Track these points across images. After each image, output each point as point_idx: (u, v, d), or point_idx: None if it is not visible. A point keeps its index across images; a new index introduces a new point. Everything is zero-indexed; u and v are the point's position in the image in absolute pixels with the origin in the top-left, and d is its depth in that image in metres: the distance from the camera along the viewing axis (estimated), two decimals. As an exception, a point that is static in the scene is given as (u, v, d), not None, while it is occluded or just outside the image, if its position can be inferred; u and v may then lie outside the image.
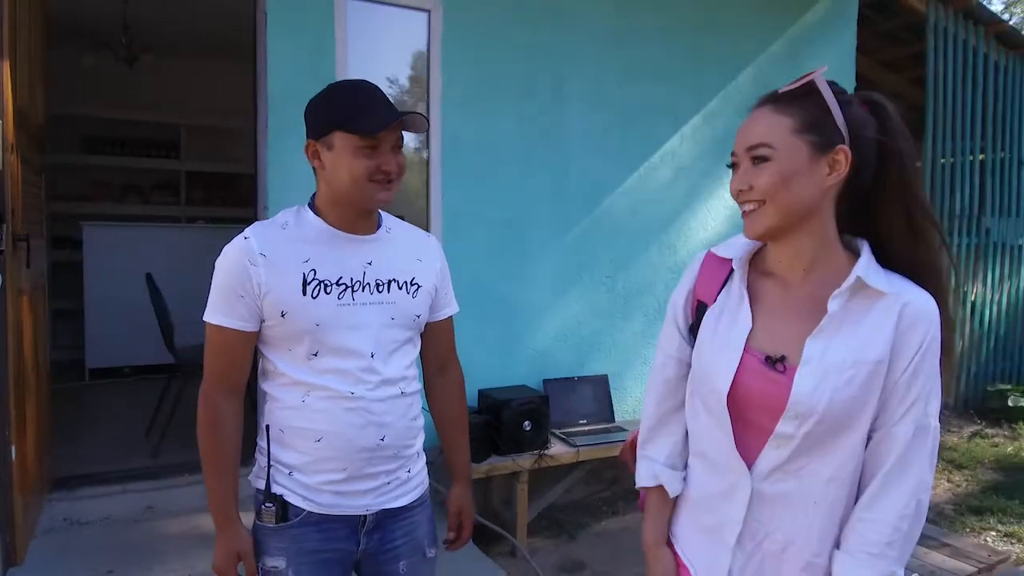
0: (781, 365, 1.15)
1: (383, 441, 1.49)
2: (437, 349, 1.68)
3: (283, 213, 1.50)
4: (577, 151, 3.92)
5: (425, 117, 1.46)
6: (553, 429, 3.61)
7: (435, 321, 1.63)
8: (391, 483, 1.53)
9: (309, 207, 1.50)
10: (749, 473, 1.18)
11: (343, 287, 1.46)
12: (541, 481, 3.56)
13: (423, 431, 1.62)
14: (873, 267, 1.13)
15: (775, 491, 1.17)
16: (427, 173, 3.57)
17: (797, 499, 1.15)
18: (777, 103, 1.15)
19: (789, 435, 1.14)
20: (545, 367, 3.86)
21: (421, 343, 1.63)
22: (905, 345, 1.09)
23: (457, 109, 3.59)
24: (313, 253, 1.45)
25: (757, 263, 1.24)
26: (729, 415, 1.19)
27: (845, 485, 1.14)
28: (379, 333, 1.49)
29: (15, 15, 2.20)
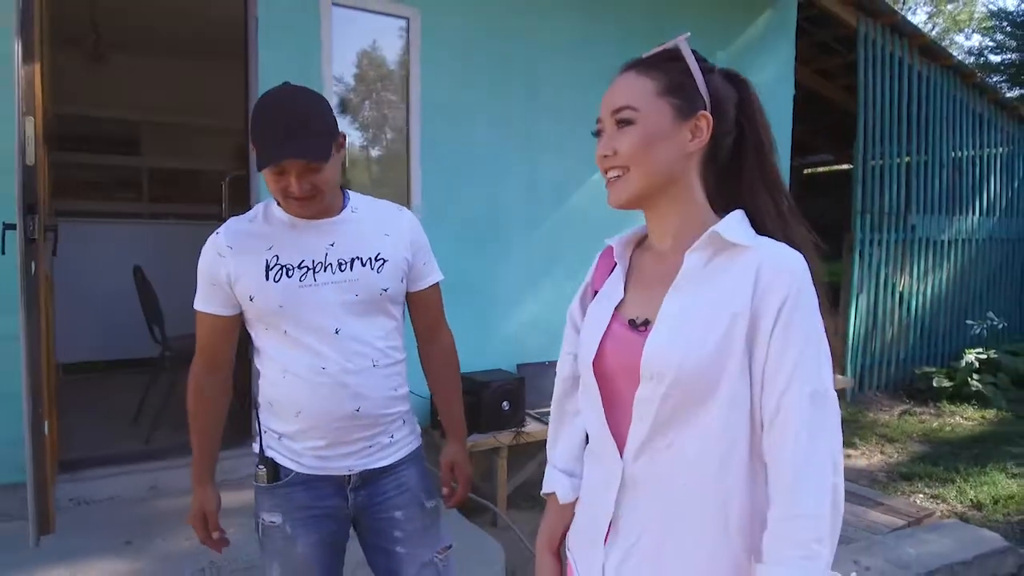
0: (643, 327, 1.09)
1: (359, 411, 1.56)
2: (424, 319, 1.74)
3: (255, 207, 1.62)
4: (547, 151, 4.19)
5: (327, 142, 1.47)
6: (528, 409, 3.87)
7: (417, 291, 1.68)
8: (372, 447, 1.61)
9: (276, 202, 1.58)
10: (620, 456, 1.09)
11: (305, 269, 1.54)
12: (517, 458, 3.82)
13: (407, 399, 1.69)
14: (737, 226, 1.07)
15: (645, 474, 1.07)
16: (407, 171, 3.80)
17: (667, 483, 1.05)
18: (640, 67, 1.12)
19: (647, 400, 1.04)
20: (518, 352, 4.13)
21: (411, 314, 1.72)
22: (768, 298, 0.99)
23: (435, 111, 3.83)
24: (276, 241, 1.55)
25: (643, 241, 1.22)
26: (600, 391, 1.13)
27: (718, 470, 1.01)
28: (343, 310, 1.55)
29: (42, 16, 2.35)
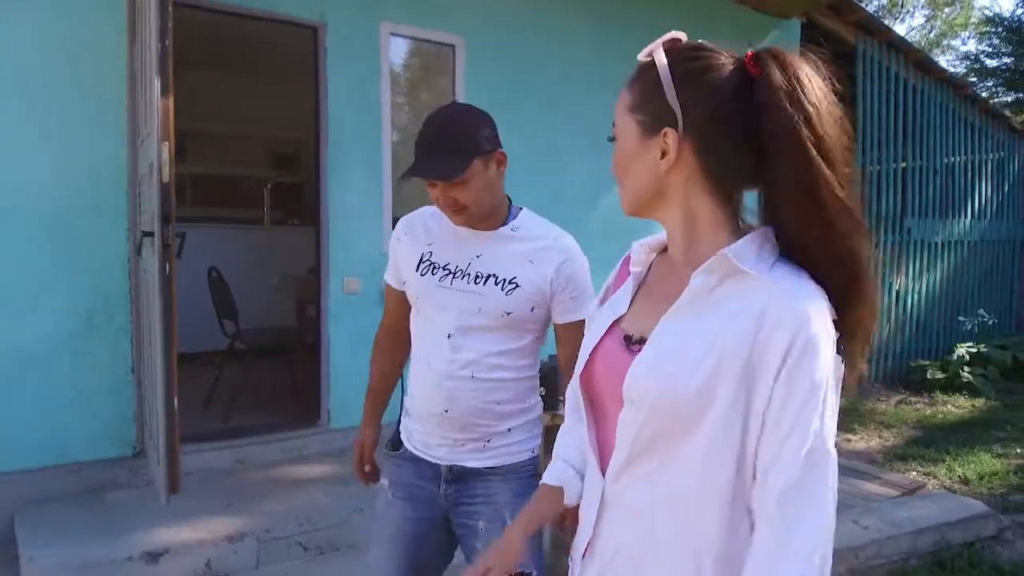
0: (637, 345, 1.01)
1: (447, 412, 1.62)
2: (562, 352, 1.70)
3: None
4: (569, 163, 4.62)
5: (459, 162, 1.53)
6: (560, 397, 4.30)
7: (559, 324, 1.67)
8: (465, 446, 1.66)
9: None
10: (602, 474, 1.05)
11: (447, 272, 1.65)
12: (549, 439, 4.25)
13: (524, 414, 1.69)
14: (756, 250, 0.94)
15: (623, 497, 1.02)
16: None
17: (643, 511, 0.99)
18: (634, 74, 1.02)
19: (628, 423, 0.98)
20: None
21: (556, 343, 1.71)
22: (772, 342, 0.88)
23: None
24: (437, 239, 1.69)
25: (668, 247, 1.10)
26: (592, 405, 1.09)
27: (694, 510, 0.94)
28: (460, 319, 1.61)
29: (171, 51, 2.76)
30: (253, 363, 4.30)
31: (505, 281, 1.61)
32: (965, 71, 15.40)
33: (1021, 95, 14.27)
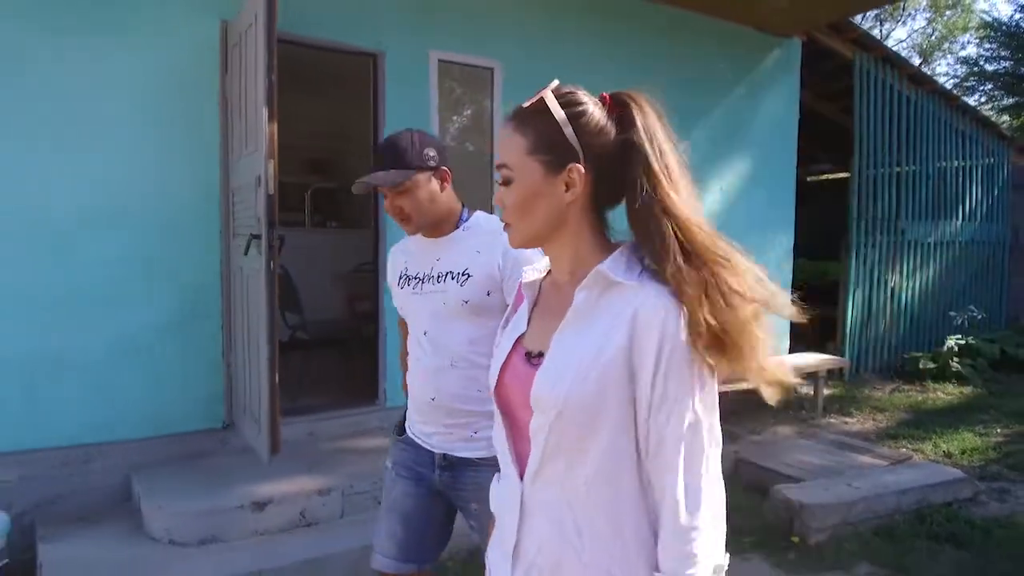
0: (537, 359, 1.12)
1: (434, 400, 1.84)
2: None
3: None
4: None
5: (399, 176, 1.79)
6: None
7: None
8: (453, 434, 1.84)
9: None
10: (520, 479, 1.14)
11: (417, 280, 1.90)
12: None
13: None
14: (625, 262, 1.07)
15: (541, 499, 1.12)
16: (490, 189, 4.76)
17: (562, 505, 1.09)
18: (516, 120, 1.12)
19: (539, 429, 1.09)
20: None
21: None
22: (645, 342, 1.00)
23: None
24: (411, 256, 1.96)
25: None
26: (506, 417, 1.19)
27: (609, 491, 1.06)
28: (432, 316, 1.85)
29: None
30: (313, 352, 4.84)
31: (459, 274, 1.82)
32: (964, 75, 15.81)
33: (1020, 99, 14.61)
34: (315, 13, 4.01)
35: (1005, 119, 13.77)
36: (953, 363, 6.89)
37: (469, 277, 1.80)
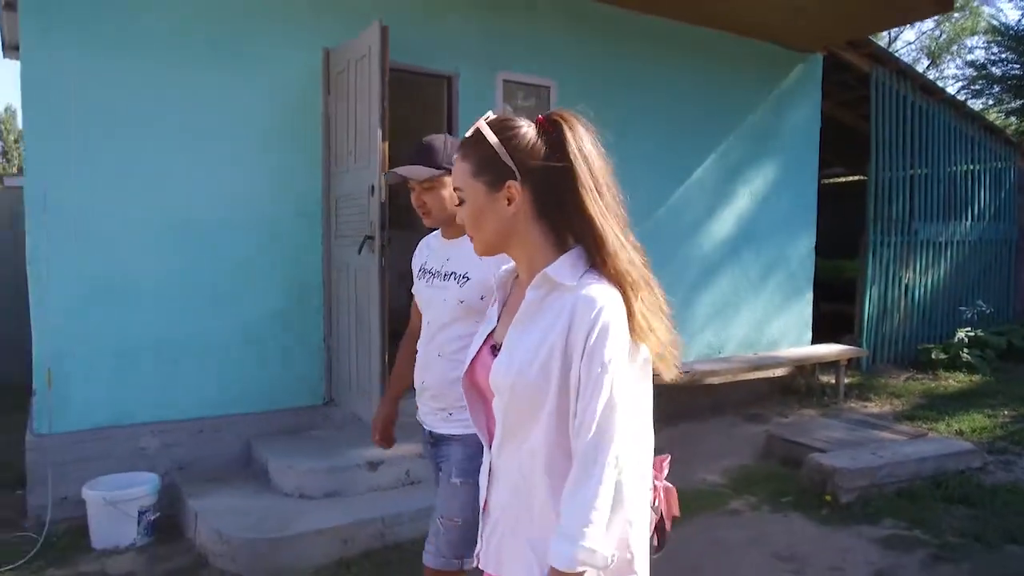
0: (497, 350, 1.31)
1: (424, 384, 2.06)
2: None
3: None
4: (637, 183, 5.67)
5: (429, 172, 1.99)
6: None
7: None
8: (437, 415, 2.06)
9: None
10: (490, 449, 1.35)
11: (431, 275, 2.08)
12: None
13: None
14: (570, 266, 1.22)
15: (503, 466, 1.30)
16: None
17: (516, 473, 1.27)
18: (462, 149, 1.28)
19: (498, 409, 1.27)
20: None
21: None
22: (577, 334, 1.16)
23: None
24: (431, 252, 2.15)
25: None
26: (479, 399, 1.39)
27: (549, 464, 1.22)
28: (435, 309, 2.04)
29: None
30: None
31: (460, 276, 1.99)
32: (972, 78, 16.16)
33: (1028, 102, 14.94)
34: (402, 40, 4.55)
35: (1012, 121, 14.17)
36: (963, 354, 7.40)
37: (468, 280, 1.97)
